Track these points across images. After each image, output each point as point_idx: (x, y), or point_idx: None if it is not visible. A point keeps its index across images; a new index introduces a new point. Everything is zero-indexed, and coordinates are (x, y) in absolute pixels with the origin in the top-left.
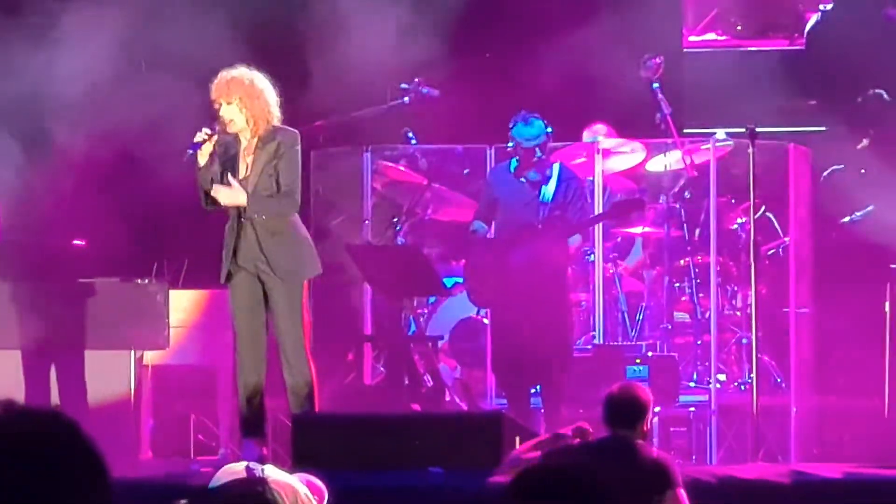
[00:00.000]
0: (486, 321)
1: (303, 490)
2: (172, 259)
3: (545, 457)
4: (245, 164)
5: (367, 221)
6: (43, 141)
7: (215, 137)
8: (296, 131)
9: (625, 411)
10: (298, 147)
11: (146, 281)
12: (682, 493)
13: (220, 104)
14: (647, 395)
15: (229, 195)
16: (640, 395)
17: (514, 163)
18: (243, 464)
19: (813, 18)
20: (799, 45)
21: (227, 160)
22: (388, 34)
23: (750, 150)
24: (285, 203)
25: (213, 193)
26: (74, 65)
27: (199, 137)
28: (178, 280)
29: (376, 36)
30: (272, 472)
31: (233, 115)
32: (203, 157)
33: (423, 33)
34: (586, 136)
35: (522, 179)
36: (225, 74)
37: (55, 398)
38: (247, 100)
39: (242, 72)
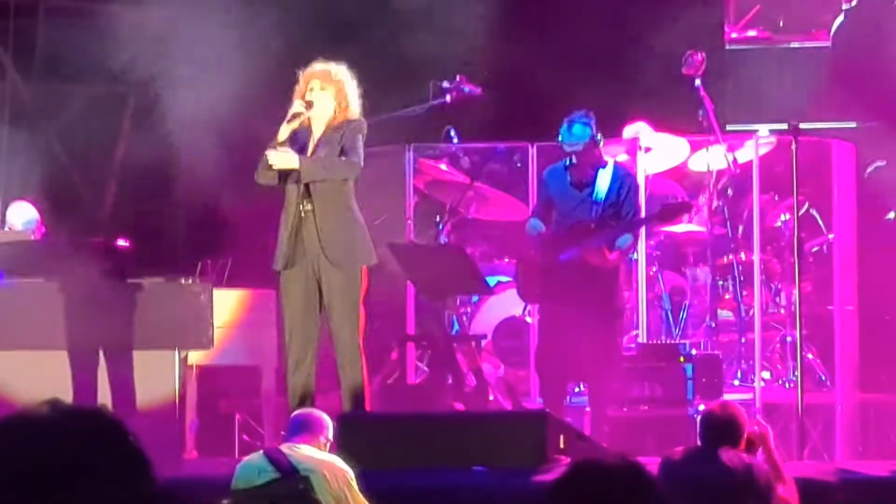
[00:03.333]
0: (528, 320)
1: (338, 463)
2: (216, 258)
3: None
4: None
5: (409, 220)
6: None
7: (304, 116)
8: (363, 120)
9: (725, 433)
10: (364, 131)
11: (190, 281)
12: (783, 494)
13: (313, 88)
14: (744, 415)
15: (283, 158)
16: (740, 414)
17: (567, 162)
18: (259, 453)
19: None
20: None
21: (295, 147)
22: (431, 31)
23: (793, 146)
24: (343, 164)
25: (267, 156)
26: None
27: (295, 108)
28: (222, 279)
29: (418, 33)
30: (307, 450)
31: (325, 100)
32: (285, 132)
33: (465, 31)
34: (627, 133)
35: (573, 179)
36: (323, 64)
37: (101, 398)
38: (341, 91)
39: (339, 65)
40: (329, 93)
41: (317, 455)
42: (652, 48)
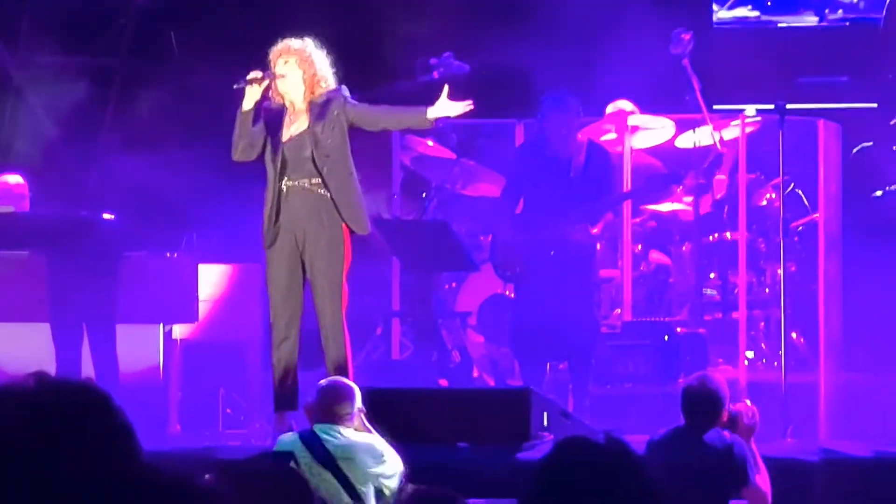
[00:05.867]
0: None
1: (379, 443)
2: (202, 233)
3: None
4: (289, 131)
5: (395, 196)
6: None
7: (265, 82)
8: (343, 86)
9: (705, 407)
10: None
11: (175, 254)
12: (758, 483)
13: (279, 63)
14: (725, 387)
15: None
16: (720, 388)
17: (541, 139)
18: (293, 434)
19: None
20: (830, 21)
21: (271, 124)
22: (418, 8)
23: (780, 126)
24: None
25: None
26: None
27: (251, 75)
28: (207, 254)
29: (406, 9)
30: (344, 433)
31: (289, 71)
32: (249, 100)
33: (452, 7)
34: (609, 111)
35: (550, 155)
36: (285, 40)
37: (85, 372)
38: (305, 60)
39: (304, 39)
40: (292, 63)
41: (353, 437)
42: (639, 26)
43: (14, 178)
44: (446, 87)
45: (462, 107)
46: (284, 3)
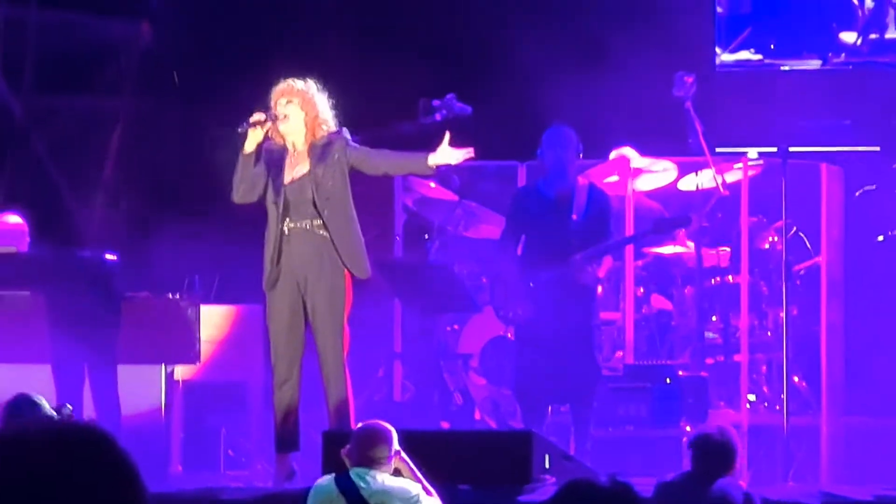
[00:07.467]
0: None
1: (413, 487)
2: (204, 274)
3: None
4: (291, 172)
5: (397, 238)
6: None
7: (268, 124)
8: (344, 128)
9: (723, 456)
10: (350, 137)
11: (177, 296)
12: None
13: (280, 103)
14: (738, 441)
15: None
16: (735, 439)
17: (542, 179)
18: (330, 477)
19: None
20: (833, 65)
21: (272, 165)
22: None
23: (782, 169)
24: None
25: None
26: None
27: (255, 118)
28: (209, 295)
29: (408, 51)
30: (380, 478)
31: (292, 112)
32: (251, 142)
33: (455, 50)
34: (613, 157)
35: (551, 197)
36: (287, 80)
37: (87, 413)
38: (307, 101)
39: (305, 81)
40: (295, 104)
41: (388, 482)
42: (643, 69)
43: (13, 219)
44: (447, 134)
45: (462, 154)
46: (286, 44)
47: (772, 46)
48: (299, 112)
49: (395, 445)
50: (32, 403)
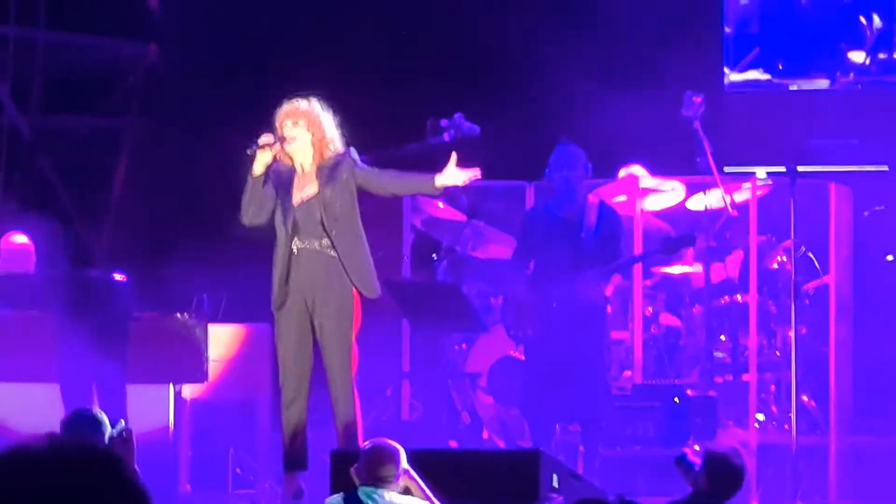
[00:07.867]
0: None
1: None
2: (212, 294)
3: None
4: (299, 193)
5: (405, 258)
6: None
7: (276, 147)
8: (351, 147)
9: (736, 479)
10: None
11: (186, 315)
12: None
13: (286, 125)
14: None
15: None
16: (746, 462)
17: (551, 198)
18: (339, 496)
19: None
20: (842, 84)
21: (281, 187)
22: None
23: (791, 189)
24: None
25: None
26: None
27: (263, 140)
28: (217, 314)
29: (417, 71)
30: (393, 497)
31: (299, 133)
32: (259, 165)
33: (463, 70)
34: (622, 175)
35: (561, 216)
36: (292, 101)
37: None
38: (313, 122)
39: (310, 101)
40: (301, 126)
41: (396, 500)
42: (651, 89)
43: (20, 238)
44: (454, 155)
45: (470, 175)
46: (293, 65)
47: (780, 66)
48: (306, 133)
49: (404, 464)
50: (92, 419)
